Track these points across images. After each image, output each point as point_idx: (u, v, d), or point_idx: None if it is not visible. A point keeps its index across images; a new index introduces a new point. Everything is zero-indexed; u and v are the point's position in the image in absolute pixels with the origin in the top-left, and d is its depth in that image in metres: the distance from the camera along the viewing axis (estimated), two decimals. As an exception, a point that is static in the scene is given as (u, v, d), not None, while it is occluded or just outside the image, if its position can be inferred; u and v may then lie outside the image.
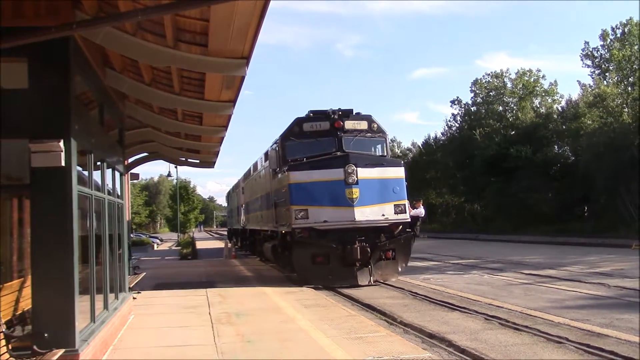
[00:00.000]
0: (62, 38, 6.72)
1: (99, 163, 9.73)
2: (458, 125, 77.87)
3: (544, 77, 70.44)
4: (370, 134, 20.43)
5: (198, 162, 20.67)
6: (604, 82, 53.19)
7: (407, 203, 19.50)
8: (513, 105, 70.61)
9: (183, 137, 15.67)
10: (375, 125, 20.53)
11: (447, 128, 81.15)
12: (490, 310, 13.29)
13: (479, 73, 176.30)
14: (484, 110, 71.29)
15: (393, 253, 19.28)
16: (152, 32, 8.08)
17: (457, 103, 79.15)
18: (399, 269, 19.64)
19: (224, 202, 72.35)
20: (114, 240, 11.04)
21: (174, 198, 63.31)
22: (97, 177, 9.72)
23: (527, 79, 70.26)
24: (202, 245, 50.95)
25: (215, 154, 18.92)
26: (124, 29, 7.89)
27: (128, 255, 14.19)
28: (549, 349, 9.68)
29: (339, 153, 19.24)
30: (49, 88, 7.10)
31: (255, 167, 28.05)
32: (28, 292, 7.70)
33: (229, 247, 35.65)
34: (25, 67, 7.06)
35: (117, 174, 11.60)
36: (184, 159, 20.65)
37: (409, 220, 19.44)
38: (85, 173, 8.75)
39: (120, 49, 8.62)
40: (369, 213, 18.46)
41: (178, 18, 7.43)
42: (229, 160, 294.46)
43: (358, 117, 20.48)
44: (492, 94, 72.81)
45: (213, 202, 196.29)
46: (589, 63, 58.99)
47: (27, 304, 8.35)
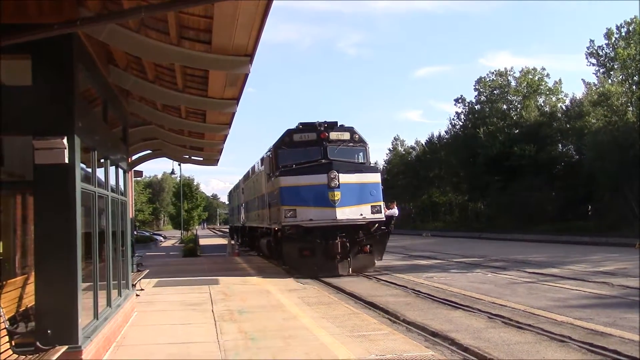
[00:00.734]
0: (65, 35, 6.72)
1: (103, 160, 9.74)
2: (462, 124, 77.74)
3: (548, 75, 70.38)
4: (352, 144, 23.33)
5: (201, 159, 20.69)
6: (609, 80, 53.09)
7: (382, 204, 22.35)
8: (517, 104, 70.47)
9: (186, 134, 15.67)
10: (357, 136, 23.47)
11: (450, 126, 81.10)
12: (494, 309, 13.28)
13: (482, 71, 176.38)
14: (488, 109, 71.17)
15: (370, 247, 22.17)
16: (155, 29, 8.08)
17: (461, 101, 79.07)
18: (375, 262, 22.78)
19: (227, 200, 75.18)
20: (118, 238, 11.05)
21: (178, 195, 63.36)
22: (100, 174, 9.72)
23: (531, 78, 70.13)
24: (205, 243, 51.05)
25: (219, 152, 18.93)
26: (128, 26, 7.89)
27: (131, 252, 14.20)
28: (552, 348, 9.67)
29: (324, 161, 22.18)
30: (53, 85, 7.10)
31: (254, 170, 31.32)
32: (31, 288, 7.72)
33: (232, 244, 35.63)
34: (29, 64, 7.06)
35: (120, 171, 11.60)
36: (188, 157, 20.68)
37: (384, 219, 22.30)
38: (89, 170, 8.76)
39: (124, 46, 8.62)
40: (349, 213, 21.32)
41: (182, 15, 7.42)
42: (232, 158, 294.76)
43: (341, 128, 23.40)
44: (496, 93, 72.69)
45: (216, 199, 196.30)
46: (594, 62, 58.89)
47: (30, 301, 8.36)
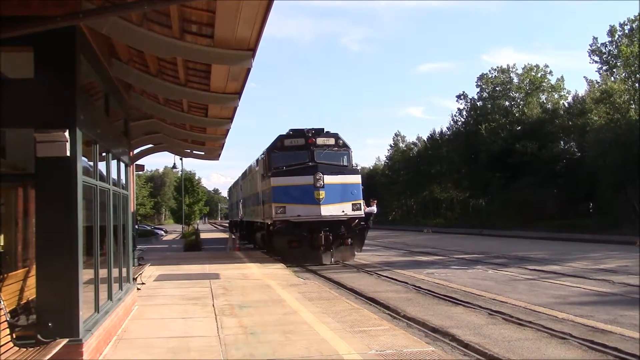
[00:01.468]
0: (68, 28, 6.69)
1: (104, 154, 9.73)
2: (464, 120, 77.69)
3: (551, 72, 70.32)
4: (337, 148, 26.23)
5: (203, 154, 20.65)
6: (611, 78, 52.97)
7: (362, 202, 25.07)
8: (519, 101, 70.40)
9: (188, 128, 15.65)
10: (341, 141, 26.41)
11: (452, 123, 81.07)
12: (494, 305, 13.29)
13: (485, 68, 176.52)
14: (490, 105, 71.10)
15: (350, 240, 24.94)
16: (158, 22, 8.05)
17: (463, 98, 78.97)
18: (355, 253, 25.60)
19: (227, 195, 77.49)
20: (119, 231, 11.05)
21: (179, 190, 63.37)
22: (102, 168, 9.72)
23: (534, 75, 70.02)
24: (206, 237, 51.09)
25: (221, 146, 18.90)
26: (130, 20, 7.86)
27: (132, 246, 14.20)
28: (553, 345, 9.68)
29: (311, 163, 24.98)
30: (55, 78, 7.08)
31: (251, 169, 34.43)
32: (32, 281, 7.72)
33: (233, 239, 35.66)
34: (31, 56, 7.03)
35: (122, 165, 11.59)
36: (189, 151, 20.63)
37: (364, 216, 25.06)
38: (91, 164, 8.75)
39: (126, 40, 8.60)
40: (332, 209, 24.19)
41: (184, 9, 7.40)
42: (234, 153, 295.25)
43: (327, 135, 26.25)
44: (498, 89, 72.62)
45: (217, 194, 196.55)
46: (597, 59, 58.81)
47: (31, 294, 8.36)
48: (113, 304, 9.63)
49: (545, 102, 68.50)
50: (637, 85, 49.79)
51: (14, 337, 6.42)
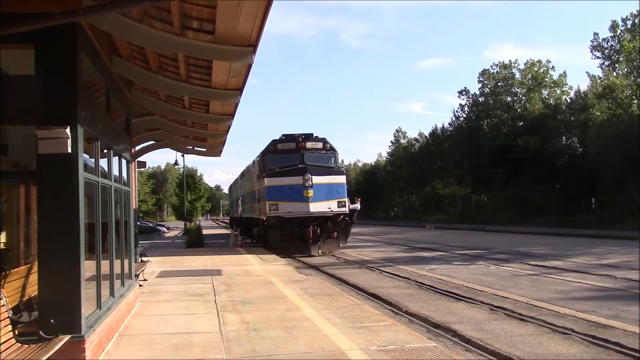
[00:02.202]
0: (68, 24, 6.69)
1: (106, 150, 9.73)
2: (465, 116, 77.60)
3: (554, 68, 70.12)
4: (325, 151, 29.06)
5: (205, 150, 20.67)
6: (614, 73, 52.86)
7: (347, 200, 28.07)
8: (521, 96, 70.26)
9: (190, 125, 15.65)
10: (328, 145, 29.30)
11: (454, 119, 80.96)
12: (496, 301, 13.29)
13: (486, 64, 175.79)
14: (492, 101, 70.99)
15: (336, 234, 27.82)
16: (158, 19, 8.05)
17: (464, 93, 78.86)
18: (340, 245, 28.52)
19: (228, 192, 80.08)
20: (121, 228, 11.06)
21: (181, 186, 63.42)
22: (103, 164, 9.72)
23: (536, 70, 69.87)
24: (208, 234, 51.12)
25: (222, 143, 18.91)
26: (131, 16, 7.86)
27: (134, 243, 14.21)
28: (555, 340, 9.68)
29: (301, 165, 27.69)
30: (56, 75, 7.07)
31: (248, 169, 37.36)
32: (35, 278, 7.73)
33: (235, 235, 35.68)
34: (32, 53, 7.03)
35: (123, 162, 11.59)
36: (191, 147, 20.65)
37: (348, 212, 28.00)
38: (92, 160, 8.75)
39: (127, 36, 8.60)
40: (320, 206, 27.02)
41: (185, 5, 7.39)
42: (235, 150, 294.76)
43: (316, 139, 29.19)
44: (500, 85, 72.48)
45: (219, 190, 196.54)
46: (599, 54, 58.70)
47: (33, 290, 8.37)
48: (115, 300, 9.64)
49: (547, 97, 68.39)
50: (639, 81, 49.66)
51: (16, 333, 6.44)
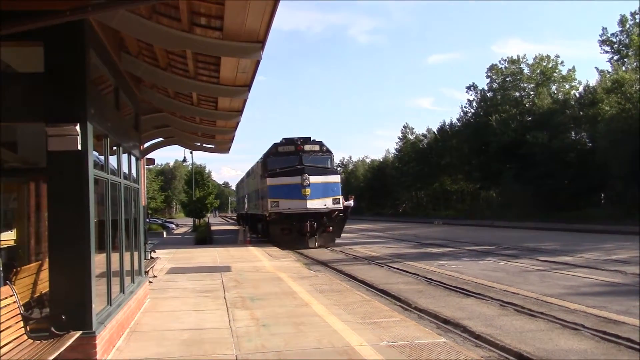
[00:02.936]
0: (77, 21, 6.70)
1: (115, 147, 9.75)
2: (474, 112, 77.40)
3: (563, 63, 69.77)
4: (321, 153, 32.23)
5: (213, 147, 20.68)
6: (623, 67, 52.54)
7: (341, 197, 31.13)
8: (530, 91, 69.95)
9: (198, 121, 15.67)
10: (325, 148, 32.52)
11: (462, 114, 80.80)
12: (506, 297, 13.26)
13: (494, 59, 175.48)
14: (500, 96, 70.72)
15: (331, 228, 31.11)
16: (167, 15, 8.05)
17: (472, 89, 78.66)
18: (335, 239, 31.82)
19: (235, 190, 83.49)
20: (130, 225, 11.09)
21: (189, 183, 63.50)
22: (113, 161, 9.75)
23: (545, 65, 69.52)
24: (217, 230, 51.23)
25: (231, 139, 18.92)
26: (139, 13, 7.86)
27: (144, 239, 14.26)
28: (565, 336, 9.65)
29: (299, 166, 30.75)
30: (65, 72, 7.09)
31: (253, 170, 40.84)
32: (46, 275, 7.76)
33: (244, 231, 35.85)
34: (41, 50, 7.05)
35: (132, 159, 11.62)
36: (200, 144, 20.67)
37: (342, 208, 31.01)
38: (102, 157, 8.78)
39: (136, 33, 8.61)
40: (316, 203, 30.10)
41: (193, 1, 7.39)
42: (243, 147, 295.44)
43: (313, 142, 32.35)
44: (508, 80, 72.16)
45: (228, 187, 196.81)
46: (607, 49, 58.38)
47: (44, 287, 8.42)
48: (125, 297, 9.67)
49: (556, 92, 68.07)
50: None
51: (28, 329, 6.47)
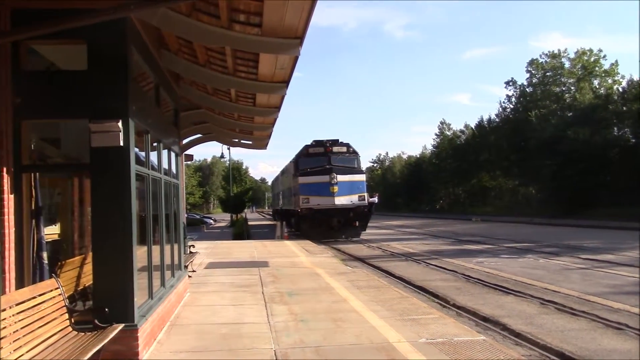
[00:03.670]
0: (119, 19, 6.81)
1: (155, 144, 9.89)
2: (512, 107, 76.38)
3: (605, 57, 68.24)
4: (348, 154, 35.05)
5: (251, 143, 20.82)
6: (669, 61, 51.14)
7: (366, 195, 33.77)
8: (571, 86, 68.62)
9: (236, 118, 15.79)
10: (351, 149, 35.33)
11: (501, 110, 79.82)
12: (546, 295, 13.06)
13: (533, 53, 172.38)
14: (540, 92, 69.56)
15: (357, 223, 33.26)
16: (207, 12, 8.12)
17: (511, 84, 77.63)
18: (360, 232, 34.22)
19: (270, 187, 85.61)
20: (170, 219, 11.24)
21: (227, 179, 64.09)
22: (153, 157, 9.88)
23: (586, 59, 68.11)
24: (254, 225, 51.59)
25: (268, 136, 19.01)
26: (179, 10, 7.95)
27: (183, 234, 14.44)
28: (608, 335, 9.46)
29: (328, 166, 33.46)
30: (108, 69, 7.21)
31: (287, 169, 43.99)
32: (89, 268, 7.92)
33: (281, 227, 36.09)
34: (85, 48, 7.18)
35: (172, 155, 11.77)
36: (237, 140, 20.83)
37: (367, 204, 33.57)
38: (143, 153, 8.90)
39: (176, 30, 8.71)
40: (343, 200, 32.69)
41: (233, -1, 7.44)
42: (280, 143, 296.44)
43: (341, 144, 35.27)
44: (548, 75, 70.94)
45: (264, 183, 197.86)
46: (653, 41, 56.85)
47: (88, 280, 8.59)
48: (166, 291, 9.81)
49: (598, 87, 66.64)
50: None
51: (73, 321, 6.61)
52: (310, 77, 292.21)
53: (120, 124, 7.01)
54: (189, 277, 14.50)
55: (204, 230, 48.21)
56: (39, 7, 6.96)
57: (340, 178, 32.73)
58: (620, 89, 61.94)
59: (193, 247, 18.62)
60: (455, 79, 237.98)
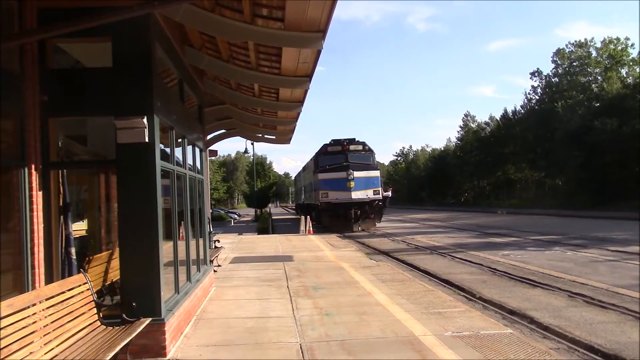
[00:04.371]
0: (143, 16, 6.86)
1: (180, 140, 9.95)
2: (538, 98, 75.50)
3: (633, 45, 67.03)
4: (364, 152, 37.55)
5: (274, 138, 20.86)
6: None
7: (381, 189, 36.30)
8: (598, 76, 67.55)
9: (260, 113, 15.83)
10: (367, 147, 37.90)
11: (526, 101, 78.96)
12: (574, 288, 12.91)
13: (558, 43, 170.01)
14: (567, 82, 68.60)
15: (372, 215, 36.33)
16: (229, 8, 8.15)
17: (537, 75, 76.74)
18: (376, 224, 37.24)
19: (294, 182, 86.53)
20: (195, 215, 11.31)
21: (251, 174, 64.39)
22: (178, 153, 9.95)
23: (613, 48, 66.98)
24: (278, 219, 51.74)
25: (292, 130, 19.02)
26: (203, 6, 7.99)
27: (208, 229, 14.52)
28: (638, 328, 9.31)
29: (345, 163, 36.06)
30: (132, 66, 7.27)
31: (308, 165, 47.28)
32: (116, 263, 8.02)
33: (305, 221, 36.04)
34: (110, 46, 7.25)
35: (197, 150, 11.84)
36: (261, 135, 20.89)
37: (381, 198, 36.27)
38: (167, 149, 8.96)
39: (199, 26, 8.75)
40: (359, 194, 35.18)
41: (255, -7, 7.45)
42: (303, 138, 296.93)
43: (357, 143, 37.88)
44: (575, 64, 69.92)
45: (288, 178, 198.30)
46: (682, 29, 55.67)
47: (115, 275, 8.70)
48: (192, 285, 9.88)
49: (626, 76, 65.50)
50: None
51: (101, 316, 6.70)
52: (333, 71, 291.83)
53: (146, 120, 7.07)
54: (215, 271, 14.61)
55: (228, 226, 48.49)
56: (65, 6, 7.04)
57: (357, 174, 35.26)
58: (650, 78, 60.84)
59: (218, 241, 18.72)
60: (480, 71, 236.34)
